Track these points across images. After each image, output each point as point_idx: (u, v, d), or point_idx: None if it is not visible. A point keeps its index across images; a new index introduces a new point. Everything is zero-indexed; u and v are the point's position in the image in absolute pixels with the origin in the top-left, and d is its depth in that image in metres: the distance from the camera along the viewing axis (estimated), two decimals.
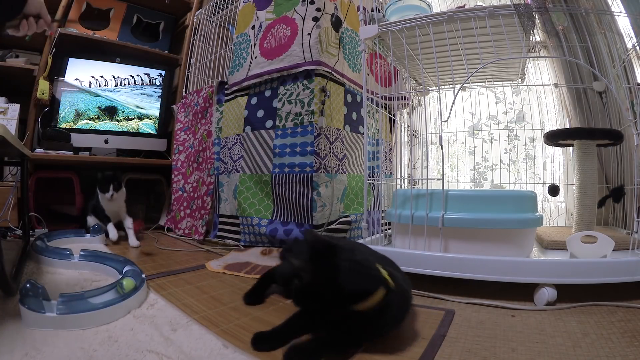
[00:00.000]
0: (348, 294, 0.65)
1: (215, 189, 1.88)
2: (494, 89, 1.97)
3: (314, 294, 0.67)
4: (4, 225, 1.74)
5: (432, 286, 1.06)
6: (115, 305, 0.83)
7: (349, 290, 0.64)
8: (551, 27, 1.43)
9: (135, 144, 2.36)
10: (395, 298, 0.68)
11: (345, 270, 0.65)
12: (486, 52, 1.32)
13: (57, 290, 0.83)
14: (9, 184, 1.84)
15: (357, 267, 0.67)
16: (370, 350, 0.70)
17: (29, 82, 2.00)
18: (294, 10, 1.60)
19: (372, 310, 0.65)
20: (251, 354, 0.67)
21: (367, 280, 0.67)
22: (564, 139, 1.46)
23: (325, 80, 1.51)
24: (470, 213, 1.10)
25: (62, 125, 2.14)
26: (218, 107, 1.94)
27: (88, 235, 1.67)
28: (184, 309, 0.89)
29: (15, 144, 1.03)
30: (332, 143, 1.55)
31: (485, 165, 2.02)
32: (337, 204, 1.54)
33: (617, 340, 0.73)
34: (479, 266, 1.00)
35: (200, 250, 1.68)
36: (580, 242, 1.08)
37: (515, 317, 0.87)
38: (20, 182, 1.62)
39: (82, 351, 0.66)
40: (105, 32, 2.34)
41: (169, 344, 0.70)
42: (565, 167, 1.85)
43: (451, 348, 0.71)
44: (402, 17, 1.30)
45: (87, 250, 1.25)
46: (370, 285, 0.66)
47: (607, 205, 1.58)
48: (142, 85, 2.39)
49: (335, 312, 0.67)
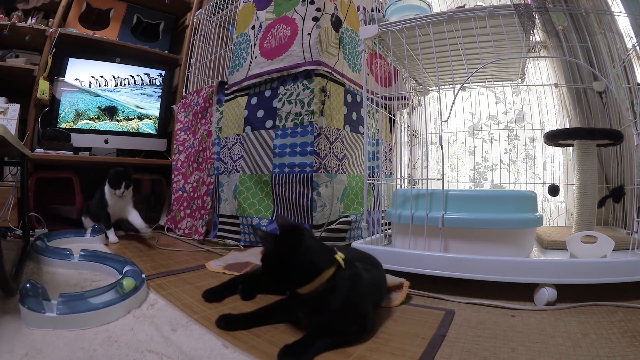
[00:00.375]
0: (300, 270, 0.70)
1: (215, 189, 1.88)
2: (494, 89, 1.97)
3: (274, 263, 0.73)
4: (4, 225, 1.74)
5: (432, 286, 1.06)
6: (115, 305, 0.83)
7: (302, 263, 0.70)
8: (551, 27, 1.43)
9: (135, 144, 2.36)
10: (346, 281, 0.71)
11: (304, 246, 0.71)
12: (486, 52, 1.32)
13: (57, 290, 0.83)
14: (9, 184, 1.84)
15: (314, 245, 0.73)
16: (370, 350, 0.70)
17: (29, 82, 2.00)
18: (294, 10, 1.60)
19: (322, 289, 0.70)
20: (251, 354, 0.68)
21: (320, 258, 0.72)
22: (564, 139, 1.46)
23: (325, 80, 1.51)
24: (470, 213, 1.10)
25: (62, 125, 2.14)
26: (218, 107, 1.94)
27: (88, 235, 1.67)
28: (184, 309, 0.89)
29: (15, 144, 1.03)
30: (332, 143, 1.55)
31: (485, 165, 2.02)
32: (337, 204, 1.54)
33: (617, 340, 0.73)
34: (479, 266, 1.00)
35: (200, 250, 1.68)
36: (580, 242, 1.08)
37: (515, 317, 0.87)
38: (20, 182, 1.62)
39: (82, 351, 0.66)
40: (105, 32, 2.34)
41: (169, 344, 0.70)
42: (565, 167, 1.85)
43: (451, 348, 0.71)
44: (402, 17, 1.30)
45: (87, 250, 1.25)
46: (322, 264, 0.71)
47: (607, 205, 1.58)
48: (142, 85, 2.39)
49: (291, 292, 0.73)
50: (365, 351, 0.69)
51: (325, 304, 0.70)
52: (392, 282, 1.03)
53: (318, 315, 0.71)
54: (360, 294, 0.74)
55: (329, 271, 0.70)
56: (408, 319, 0.87)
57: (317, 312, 0.71)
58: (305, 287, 0.70)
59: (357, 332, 0.73)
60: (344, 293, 0.70)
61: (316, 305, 0.71)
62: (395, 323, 0.84)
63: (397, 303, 0.95)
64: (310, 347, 0.68)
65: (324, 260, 0.72)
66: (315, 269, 0.70)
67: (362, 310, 0.74)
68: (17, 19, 2.00)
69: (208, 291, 1.00)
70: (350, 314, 0.72)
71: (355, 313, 0.73)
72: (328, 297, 0.69)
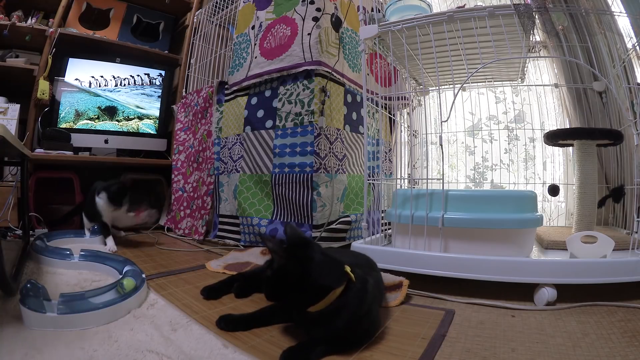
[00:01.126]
0: (311, 289, 0.66)
1: (215, 189, 1.88)
2: (494, 89, 1.97)
3: (281, 281, 0.68)
4: (4, 225, 1.74)
5: (432, 286, 1.06)
6: (116, 305, 0.83)
7: (314, 282, 0.66)
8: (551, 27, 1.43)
9: (135, 144, 2.36)
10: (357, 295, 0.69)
11: (315, 262, 0.67)
12: (486, 52, 1.32)
13: (57, 290, 0.83)
14: (9, 184, 1.84)
15: (325, 261, 0.69)
16: (370, 350, 0.70)
17: (29, 82, 2.00)
18: (294, 10, 1.60)
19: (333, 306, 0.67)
20: (251, 354, 0.68)
21: (332, 275, 0.68)
22: (564, 139, 1.46)
23: (325, 80, 1.51)
24: (470, 213, 1.10)
25: (62, 125, 2.14)
26: (218, 107, 1.94)
27: (88, 235, 1.67)
28: (184, 309, 0.89)
29: (15, 144, 1.03)
30: (332, 143, 1.55)
31: (485, 165, 2.02)
32: (337, 204, 1.54)
33: (617, 340, 0.73)
34: (479, 266, 1.00)
35: (200, 250, 1.68)
36: (580, 242, 1.08)
37: (515, 317, 0.87)
38: (20, 182, 1.62)
39: (82, 351, 0.66)
40: (105, 32, 2.34)
41: (169, 344, 0.70)
42: (565, 167, 1.85)
43: (451, 348, 0.71)
44: (402, 17, 1.30)
45: (87, 250, 1.25)
46: (334, 281, 0.68)
47: (607, 205, 1.58)
48: (142, 85, 2.39)
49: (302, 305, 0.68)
50: (365, 351, 0.69)
51: (335, 320, 0.67)
52: (391, 281, 1.03)
53: (326, 329, 0.68)
54: (370, 306, 0.72)
55: (340, 288, 0.67)
56: (408, 318, 0.87)
57: (326, 327, 0.68)
58: (316, 306, 0.67)
59: (363, 341, 0.72)
60: (354, 308, 0.68)
61: (325, 322, 0.67)
62: (395, 323, 0.84)
63: (396, 303, 0.95)
64: (313, 350, 0.67)
65: (336, 276, 0.68)
66: (327, 287, 0.67)
67: (371, 320, 0.74)
68: (17, 19, 2.00)
69: (207, 288, 1.00)
70: (360, 327, 0.71)
71: (364, 325, 0.72)
72: (339, 313, 0.67)
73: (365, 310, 0.70)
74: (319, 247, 0.72)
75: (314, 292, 0.66)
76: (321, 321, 0.68)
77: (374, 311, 0.75)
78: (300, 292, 0.67)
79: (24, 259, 1.25)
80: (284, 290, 0.69)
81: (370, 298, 0.72)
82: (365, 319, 0.71)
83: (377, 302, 0.79)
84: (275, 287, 0.70)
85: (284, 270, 0.68)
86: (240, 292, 1.00)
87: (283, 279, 0.68)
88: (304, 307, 0.68)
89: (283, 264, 0.68)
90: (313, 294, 0.66)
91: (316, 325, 0.69)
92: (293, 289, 0.67)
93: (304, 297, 0.67)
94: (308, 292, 0.66)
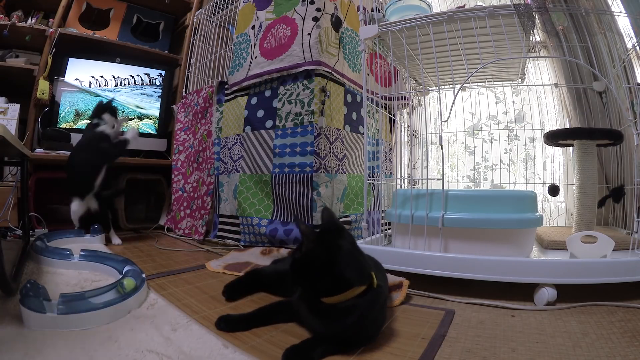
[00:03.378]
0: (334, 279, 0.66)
1: (215, 189, 1.88)
2: (494, 89, 1.97)
3: (308, 266, 0.68)
4: (4, 225, 1.74)
5: (432, 286, 1.06)
6: (116, 305, 0.83)
7: (339, 272, 0.65)
8: (551, 27, 1.44)
9: (135, 144, 2.34)
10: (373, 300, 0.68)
11: (344, 252, 0.67)
12: (486, 52, 1.32)
13: (57, 290, 0.83)
14: (9, 184, 1.84)
15: (354, 254, 0.69)
16: (371, 350, 0.70)
17: (29, 82, 2.00)
18: (294, 10, 1.60)
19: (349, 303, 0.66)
20: (251, 354, 0.68)
21: (357, 272, 0.68)
22: (564, 139, 1.46)
23: (325, 80, 1.51)
24: (470, 213, 1.10)
25: (62, 125, 2.13)
26: (218, 107, 1.94)
27: (88, 236, 1.67)
28: (184, 309, 0.89)
29: (15, 144, 1.03)
30: (332, 143, 1.55)
31: (485, 165, 2.02)
32: (337, 204, 1.54)
33: (617, 340, 0.73)
34: (479, 266, 1.00)
35: (200, 250, 1.68)
36: (580, 242, 1.08)
37: (515, 317, 0.87)
38: (20, 182, 1.62)
39: (82, 351, 0.66)
40: (105, 32, 2.34)
41: (169, 344, 0.70)
42: (565, 167, 1.85)
43: (451, 348, 0.71)
44: (402, 17, 1.30)
45: (87, 250, 1.25)
46: (358, 278, 0.67)
47: (607, 205, 1.58)
48: (142, 85, 2.39)
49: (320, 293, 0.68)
50: (366, 351, 0.69)
51: (345, 318, 0.66)
52: (391, 281, 1.03)
53: (333, 325, 0.68)
54: (381, 311, 0.73)
55: (361, 287, 0.67)
56: (408, 318, 0.87)
57: (334, 322, 0.67)
58: (333, 298, 0.66)
59: (365, 343, 0.72)
60: (367, 312, 0.67)
61: (335, 316, 0.67)
62: (395, 323, 0.84)
63: (396, 303, 0.95)
64: (315, 349, 0.67)
65: (361, 275, 0.68)
66: (348, 282, 0.66)
67: (377, 325, 0.74)
68: (17, 19, 2.00)
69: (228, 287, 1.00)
70: (365, 331, 0.70)
71: (370, 330, 0.72)
72: (351, 312, 0.66)
73: (377, 315, 0.70)
74: (351, 238, 0.71)
75: (335, 283, 0.66)
76: (332, 315, 0.67)
77: (381, 318, 0.75)
78: (322, 279, 0.66)
79: (24, 259, 1.25)
80: (307, 275, 0.68)
81: (383, 306, 0.72)
82: (372, 324, 0.71)
83: (386, 308, 0.78)
84: (300, 271, 0.69)
85: (311, 254, 0.67)
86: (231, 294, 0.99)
87: (310, 264, 0.67)
88: (321, 296, 0.68)
89: (311, 248, 0.67)
90: (334, 285, 0.66)
91: (325, 318, 0.68)
92: (316, 275, 0.66)
93: (324, 285, 0.66)
94: (330, 281, 0.66)
